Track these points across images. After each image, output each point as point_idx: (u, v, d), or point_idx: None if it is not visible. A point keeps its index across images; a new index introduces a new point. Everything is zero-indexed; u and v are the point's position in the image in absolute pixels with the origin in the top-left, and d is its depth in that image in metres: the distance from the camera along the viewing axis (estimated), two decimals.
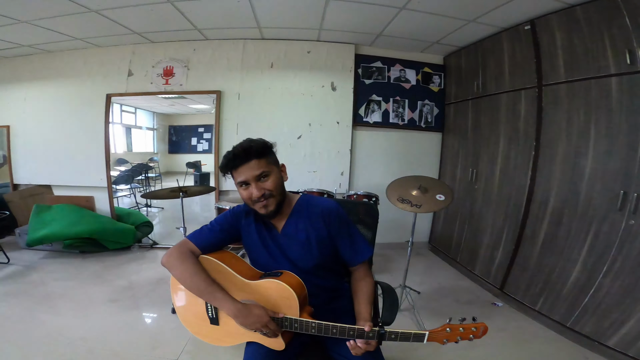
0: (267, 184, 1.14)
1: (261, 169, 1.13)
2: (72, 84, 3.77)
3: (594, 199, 2.07)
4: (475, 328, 0.98)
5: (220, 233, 1.22)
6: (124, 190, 5.30)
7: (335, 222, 1.23)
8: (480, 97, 3.11)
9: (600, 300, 2.02)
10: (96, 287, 2.72)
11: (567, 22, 2.24)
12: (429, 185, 2.30)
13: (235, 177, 1.16)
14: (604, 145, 2.03)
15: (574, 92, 2.20)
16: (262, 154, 1.15)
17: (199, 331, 1.23)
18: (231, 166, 1.15)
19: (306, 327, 1.07)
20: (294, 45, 3.57)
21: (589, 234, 2.09)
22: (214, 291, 1.09)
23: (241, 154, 1.12)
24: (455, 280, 3.16)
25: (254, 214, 1.26)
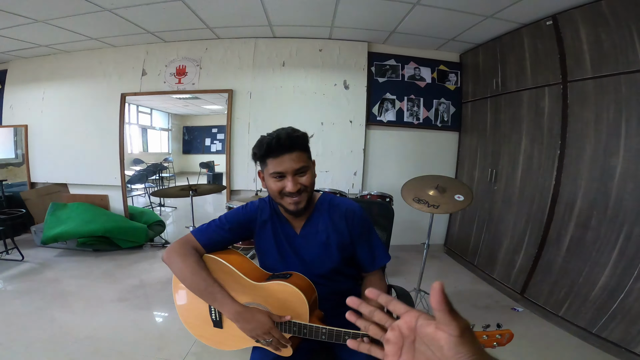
0: (304, 179, 1.06)
1: (302, 163, 1.05)
2: (88, 84, 3.82)
3: (626, 200, 1.94)
4: (500, 335, 0.89)
5: (229, 231, 1.14)
6: (138, 190, 5.36)
7: (358, 225, 1.16)
8: (500, 95, 2.98)
9: (630, 305, 1.90)
10: (107, 286, 2.73)
11: (592, 17, 2.14)
12: (446, 185, 2.20)
13: (269, 166, 1.05)
14: (637, 143, 1.89)
15: (603, 88, 2.08)
16: (306, 147, 1.08)
17: (202, 334, 1.17)
18: (271, 153, 1.03)
19: (316, 333, 0.98)
20: (305, 44, 3.52)
21: (620, 236, 1.96)
22: (214, 292, 1.01)
23: (286, 142, 1.01)
24: (472, 284, 3.04)
25: (270, 212, 1.18)
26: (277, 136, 1.02)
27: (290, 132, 1.03)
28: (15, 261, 3.13)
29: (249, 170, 3.61)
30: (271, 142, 1.02)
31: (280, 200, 1.08)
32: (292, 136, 1.02)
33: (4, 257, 3.17)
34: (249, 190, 3.60)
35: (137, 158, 6.52)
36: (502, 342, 0.89)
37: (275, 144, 1.01)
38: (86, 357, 1.85)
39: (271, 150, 1.02)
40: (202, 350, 1.94)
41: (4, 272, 2.90)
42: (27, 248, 3.40)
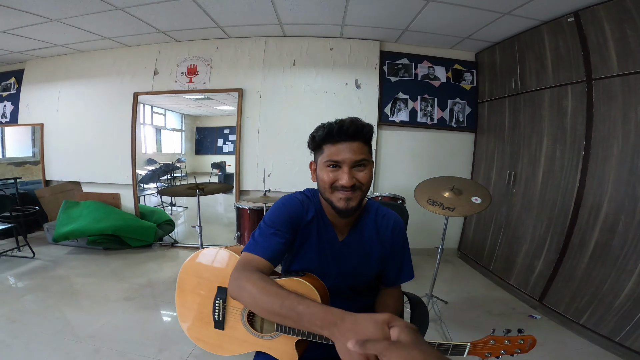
0: (361, 175, 0.95)
1: (362, 156, 0.94)
2: (102, 83, 3.86)
3: None
4: (522, 340, 0.83)
5: (280, 235, 0.97)
6: (151, 189, 5.40)
7: (401, 240, 1.09)
8: (519, 94, 2.86)
9: None
10: (114, 284, 2.72)
11: (617, 13, 2.04)
12: (463, 187, 2.09)
13: (325, 152, 0.95)
14: None
15: (630, 85, 1.96)
16: (370, 140, 0.98)
17: (198, 336, 1.10)
18: (334, 138, 0.93)
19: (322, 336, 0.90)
20: (316, 42, 3.47)
21: None
22: (298, 302, 0.74)
23: (351, 129, 0.92)
24: (487, 290, 2.91)
25: (314, 212, 1.04)
26: (341, 121, 0.93)
27: (355, 120, 0.94)
28: (27, 258, 3.16)
29: (259, 170, 3.57)
30: (333, 126, 0.93)
31: (329, 194, 0.96)
32: (358, 124, 0.93)
33: (16, 253, 3.20)
34: (258, 191, 3.56)
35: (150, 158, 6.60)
36: (524, 348, 0.83)
37: (338, 128, 0.92)
38: (86, 356, 1.82)
39: (331, 134, 0.93)
40: (203, 353, 1.88)
41: (15, 269, 2.93)
42: (39, 245, 3.45)
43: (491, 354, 0.84)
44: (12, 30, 3.22)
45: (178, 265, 3.21)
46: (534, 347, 0.84)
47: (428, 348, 0.55)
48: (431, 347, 0.56)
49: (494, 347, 0.83)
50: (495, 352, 0.83)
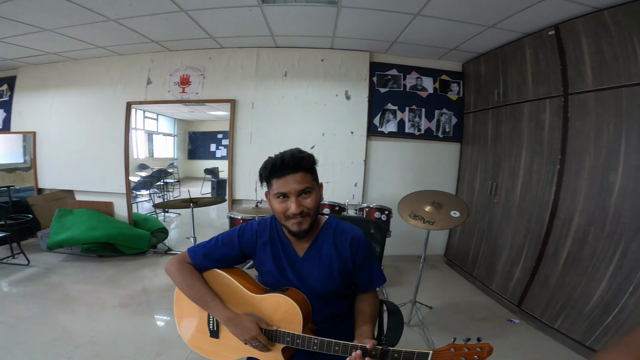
0: (308, 202, 1.08)
1: (306, 184, 1.06)
2: (95, 92, 3.90)
3: (623, 216, 1.92)
4: (480, 348, 0.92)
5: (223, 252, 1.18)
6: (144, 196, 5.43)
7: (362, 253, 1.18)
8: (501, 106, 2.98)
9: (624, 319, 1.89)
10: (110, 291, 2.77)
11: (595, 27, 2.11)
12: (443, 201, 2.20)
13: (274, 186, 1.08)
14: (636, 159, 1.88)
15: (603, 101, 2.07)
16: (311, 168, 1.09)
17: (197, 344, 1.23)
18: (276, 174, 1.06)
19: (308, 344, 1.04)
20: (307, 53, 3.56)
21: (617, 252, 1.95)
22: (208, 300, 1.11)
23: (291, 163, 1.03)
24: (470, 296, 3.03)
25: (270, 234, 1.20)
26: (282, 157, 1.04)
27: (295, 153, 1.06)
28: (21, 265, 3.19)
29: (251, 180, 3.64)
30: (275, 162, 1.05)
31: (284, 222, 1.10)
32: (297, 157, 1.04)
33: (10, 261, 3.24)
34: (250, 200, 3.63)
35: (142, 163, 6.62)
36: (482, 355, 0.92)
37: (280, 164, 1.04)
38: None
39: (275, 170, 1.05)
40: (199, 357, 1.96)
41: (10, 276, 2.97)
42: (32, 253, 3.48)
43: None
44: (5, 39, 3.25)
45: None
46: (492, 355, 0.92)
47: None
48: None
49: (454, 354, 0.92)
50: (456, 359, 0.92)
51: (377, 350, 0.96)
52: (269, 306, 1.10)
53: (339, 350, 1.00)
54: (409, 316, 2.42)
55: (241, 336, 1.07)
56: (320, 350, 1.02)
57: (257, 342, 1.06)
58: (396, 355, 0.95)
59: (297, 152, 1.06)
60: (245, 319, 1.07)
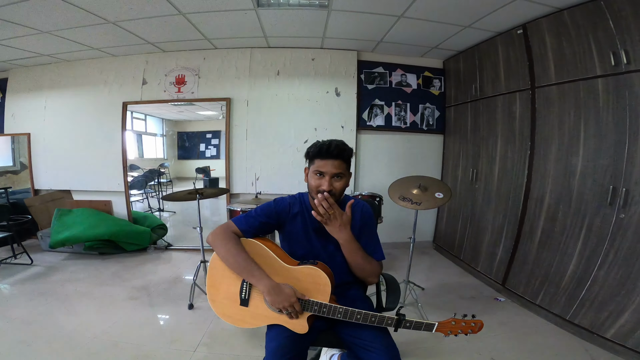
0: (338, 185, 1.30)
1: (341, 170, 1.29)
2: (90, 92, 3.96)
3: (586, 194, 2.17)
4: (474, 324, 1.14)
5: (264, 220, 1.35)
6: (136, 195, 5.48)
7: (367, 218, 1.42)
8: (479, 100, 3.23)
9: (596, 292, 2.09)
10: (116, 286, 2.89)
11: (556, 26, 2.35)
12: (428, 184, 2.43)
13: (316, 164, 1.30)
14: (593, 143, 2.13)
15: (564, 93, 2.31)
16: (348, 159, 1.33)
17: (224, 312, 1.34)
18: (322, 155, 1.28)
19: (333, 312, 1.20)
20: (298, 53, 3.73)
21: (583, 228, 2.19)
22: (253, 269, 1.23)
23: (335, 150, 1.27)
24: (459, 277, 3.27)
25: (300, 207, 1.40)
26: (330, 143, 1.29)
27: (339, 144, 1.30)
28: (24, 265, 3.27)
29: (247, 175, 3.81)
30: (323, 146, 1.29)
31: (315, 195, 1.29)
32: (340, 147, 1.29)
33: (13, 261, 3.30)
34: (247, 194, 3.79)
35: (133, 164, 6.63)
36: (475, 329, 1.15)
37: (326, 148, 1.28)
38: (106, 349, 2.01)
39: (322, 152, 1.29)
40: (212, 341, 2.12)
41: (15, 276, 3.05)
42: (34, 253, 3.54)
43: (452, 332, 1.16)
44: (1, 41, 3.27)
45: (174, 266, 3.41)
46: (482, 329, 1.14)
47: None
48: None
49: (453, 327, 1.15)
50: (454, 330, 1.15)
51: (392, 320, 1.16)
52: (302, 276, 1.25)
53: (360, 318, 1.17)
54: (404, 296, 2.61)
55: (280, 303, 1.18)
56: (344, 318, 1.19)
57: (293, 310, 1.19)
58: (408, 324, 1.16)
59: (341, 144, 1.31)
60: (285, 288, 1.20)
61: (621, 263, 1.97)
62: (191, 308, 2.51)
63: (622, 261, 1.97)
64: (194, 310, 2.50)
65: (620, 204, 1.97)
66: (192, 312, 2.47)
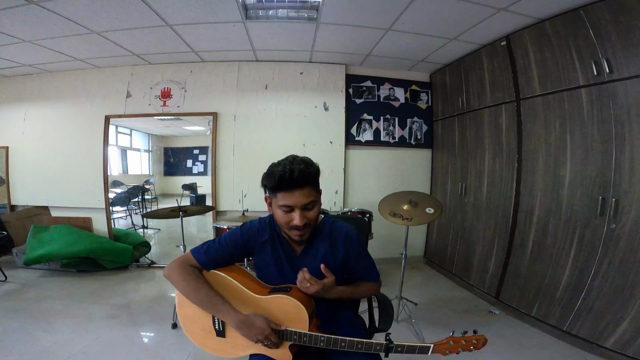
0: (311, 214, 1.11)
1: (311, 198, 1.09)
2: (71, 105, 3.84)
3: (576, 205, 2.17)
4: (476, 340, 1.04)
5: (227, 251, 1.21)
6: (119, 212, 5.31)
7: (355, 248, 1.25)
8: (465, 113, 3.25)
9: (592, 302, 2.06)
10: (95, 305, 2.72)
11: (538, 37, 2.39)
12: (418, 200, 2.40)
13: (279, 198, 1.08)
14: (580, 154, 2.14)
15: (549, 104, 2.34)
16: (316, 181, 1.12)
17: (204, 342, 1.23)
18: (285, 186, 1.06)
19: (315, 341, 1.09)
20: (287, 67, 3.72)
21: (574, 239, 2.18)
22: (217, 304, 1.10)
23: (299, 178, 1.04)
24: (451, 291, 3.21)
25: (270, 233, 1.23)
26: (291, 171, 1.03)
27: (303, 169, 1.05)
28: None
29: (235, 192, 3.71)
30: (284, 175, 1.04)
31: (287, 230, 1.14)
32: (305, 173, 1.05)
33: None
34: (235, 211, 3.69)
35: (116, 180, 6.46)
36: (477, 346, 1.05)
37: (288, 178, 1.03)
38: None
39: (283, 183, 1.05)
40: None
41: None
42: (8, 269, 3.34)
43: (450, 352, 1.05)
44: None
45: (157, 284, 3.24)
46: (486, 345, 1.05)
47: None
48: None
49: (452, 346, 1.05)
50: (454, 350, 1.05)
51: (381, 345, 1.05)
52: (274, 307, 1.13)
53: (345, 346, 1.06)
54: (397, 312, 2.54)
55: (254, 337, 1.07)
56: (327, 346, 1.07)
57: (269, 342, 1.08)
58: (400, 349, 1.04)
59: (305, 167, 1.06)
60: (256, 320, 1.08)
61: (615, 273, 1.96)
62: (175, 327, 2.36)
63: (616, 271, 1.95)
64: (177, 329, 2.35)
65: (611, 214, 1.97)
66: (175, 332, 2.33)
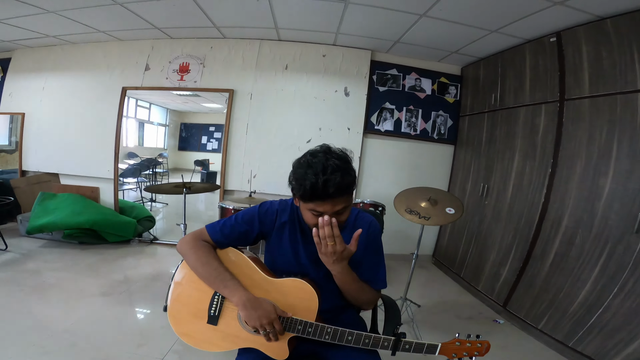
0: (342, 217, 1.02)
1: (344, 204, 0.99)
2: (91, 76, 3.83)
3: (611, 219, 1.98)
4: (480, 344, 0.98)
5: (243, 229, 1.14)
6: (130, 183, 5.31)
7: (375, 242, 1.17)
8: (497, 110, 3.04)
9: (607, 320, 1.93)
10: (90, 280, 2.67)
11: (596, 35, 2.16)
12: (438, 198, 2.23)
13: (311, 205, 0.99)
14: (626, 164, 1.93)
15: (598, 107, 2.12)
16: (353, 189, 1.02)
17: (188, 331, 1.12)
18: (317, 197, 0.95)
19: (321, 332, 1.00)
20: (309, 48, 3.57)
21: (603, 255, 2.00)
22: (226, 279, 1.05)
23: (335, 191, 0.93)
24: (457, 295, 3.07)
25: (290, 215, 1.16)
26: (325, 183, 0.92)
27: (340, 182, 0.93)
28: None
29: (244, 171, 3.61)
30: (317, 186, 0.92)
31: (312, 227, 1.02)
32: (342, 185, 0.94)
33: None
34: (242, 191, 3.59)
35: (131, 152, 6.49)
36: (481, 351, 0.97)
37: (322, 189, 0.92)
38: (62, 351, 1.80)
39: (316, 194, 0.94)
40: (184, 348, 1.91)
41: None
42: (11, 237, 3.34)
43: (456, 354, 0.97)
44: (7, 20, 3.16)
45: (157, 262, 3.20)
46: (489, 351, 0.98)
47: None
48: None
49: (458, 348, 0.97)
50: (459, 353, 0.97)
51: (389, 342, 0.97)
52: (286, 290, 1.06)
53: (352, 340, 0.98)
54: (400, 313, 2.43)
55: (257, 320, 0.98)
56: (332, 340, 0.99)
57: (272, 329, 0.98)
58: (407, 347, 0.97)
59: (342, 179, 0.93)
60: (264, 302, 1.01)
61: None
62: (166, 310, 2.29)
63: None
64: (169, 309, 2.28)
65: None
66: (167, 315, 2.25)
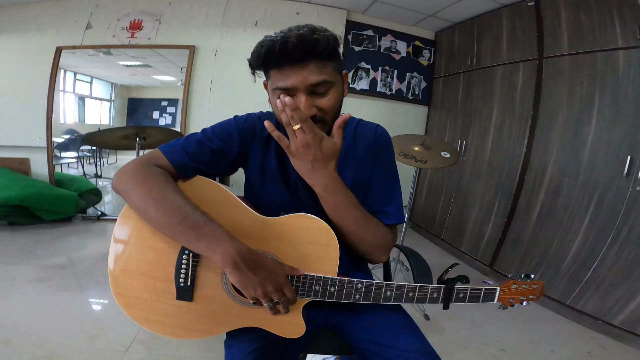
0: (324, 102, 0.72)
1: (322, 77, 0.69)
2: (17, 38, 3.21)
3: (597, 165, 1.99)
4: (536, 285, 0.80)
5: (216, 147, 0.78)
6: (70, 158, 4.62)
7: (386, 154, 0.87)
8: (474, 70, 3.01)
9: (604, 275, 1.91)
10: (23, 265, 2.20)
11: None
12: (431, 143, 2.14)
13: (272, 79, 0.71)
14: (610, 112, 1.94)
15: (578, 63, 2.13)
16: (330, 55, 0.71)
17: (149, 314, 0.72)
18: (276, 62, 0.68)
19: (348, 291, 0.70)
20: (282, 5, 3.31)
21: (592, 202, 1.99)
22: (199, 223, 0.63)
23: (297, 48, 0.65)
24: (439, 259, 3.02)
25: (277, 125, 0.76)
26: (284, 40, 0.65)
27: (305, 34, 0.66)
28: None
29: None
30: (273, 46, 0.66)
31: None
32: (308, 40, 0.66)
33: None
34: None
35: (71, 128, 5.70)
36: (536, 293, 0.80)
37: (280, 50, 0.66)
38: None
39: (272, 58, 0.68)
40: (150, 337, 1.57)
41: None
42: None
43: (514, 300, 0.79)
44: None
45: (108, 240, 2.71)
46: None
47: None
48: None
49: (515, 292, 0.79)
50: (517, 298, 0.79)
51: (438, 291, 0.74)
52: (291, 234, 0.70)
53: (391, 296, 0.71)
54: (393, 275, 2.30)
55: (259, 286, 0.63)
56: (365, 300, 0.71)
57: (281, 296, 0.66)
58: (462, 295, 0.76)
59: (309, 33, 0.66)
60: (265, 257, 0.66)
61: (635, 241, 1.79)
62: None
63: (637, 239, 1.78)
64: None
65: (638, 175, 1.78)
66: None
